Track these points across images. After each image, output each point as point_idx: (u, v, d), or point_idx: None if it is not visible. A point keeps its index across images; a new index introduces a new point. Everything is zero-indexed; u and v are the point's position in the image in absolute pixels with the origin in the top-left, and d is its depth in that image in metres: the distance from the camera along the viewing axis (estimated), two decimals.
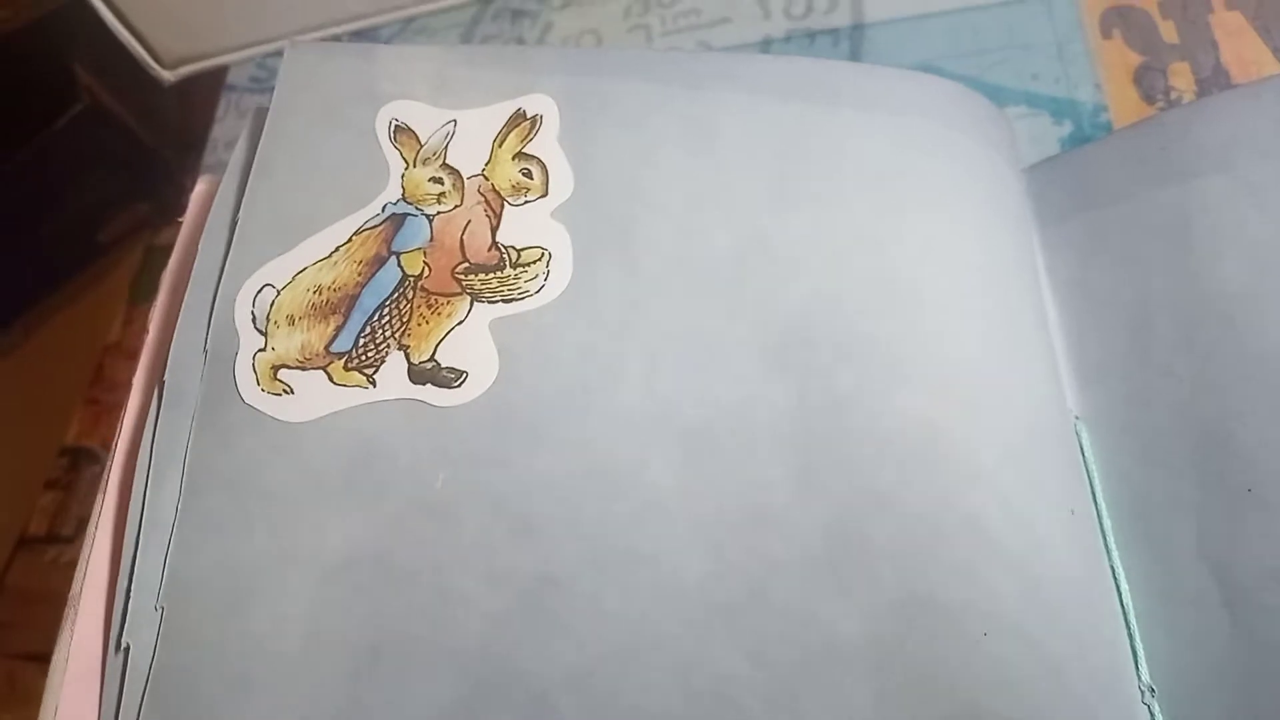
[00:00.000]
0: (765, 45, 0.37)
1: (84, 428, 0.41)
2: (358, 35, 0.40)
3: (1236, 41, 0.34)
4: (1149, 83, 0.34)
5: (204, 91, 0.40)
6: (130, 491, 0.26)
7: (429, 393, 0.27)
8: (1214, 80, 0.33)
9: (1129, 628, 0.25)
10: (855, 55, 0.36)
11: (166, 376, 0.27)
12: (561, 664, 0.24)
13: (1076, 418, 0.28)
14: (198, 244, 0.28)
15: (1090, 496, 0.27)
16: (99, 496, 0.27)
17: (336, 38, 0.40)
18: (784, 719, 0.24)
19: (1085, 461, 0.27)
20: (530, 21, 0.39)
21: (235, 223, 0.28)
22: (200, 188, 0.30)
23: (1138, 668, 0.25)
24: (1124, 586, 0.26)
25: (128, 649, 0.24)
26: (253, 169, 0.29)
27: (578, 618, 0.25)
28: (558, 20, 0.39)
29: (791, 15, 0.38)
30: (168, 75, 0.39)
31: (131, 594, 0.25)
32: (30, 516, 0.42)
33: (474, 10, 0.40)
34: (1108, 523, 0.27)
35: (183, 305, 0.28)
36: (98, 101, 0.47)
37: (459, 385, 0.27)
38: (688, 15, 0.38)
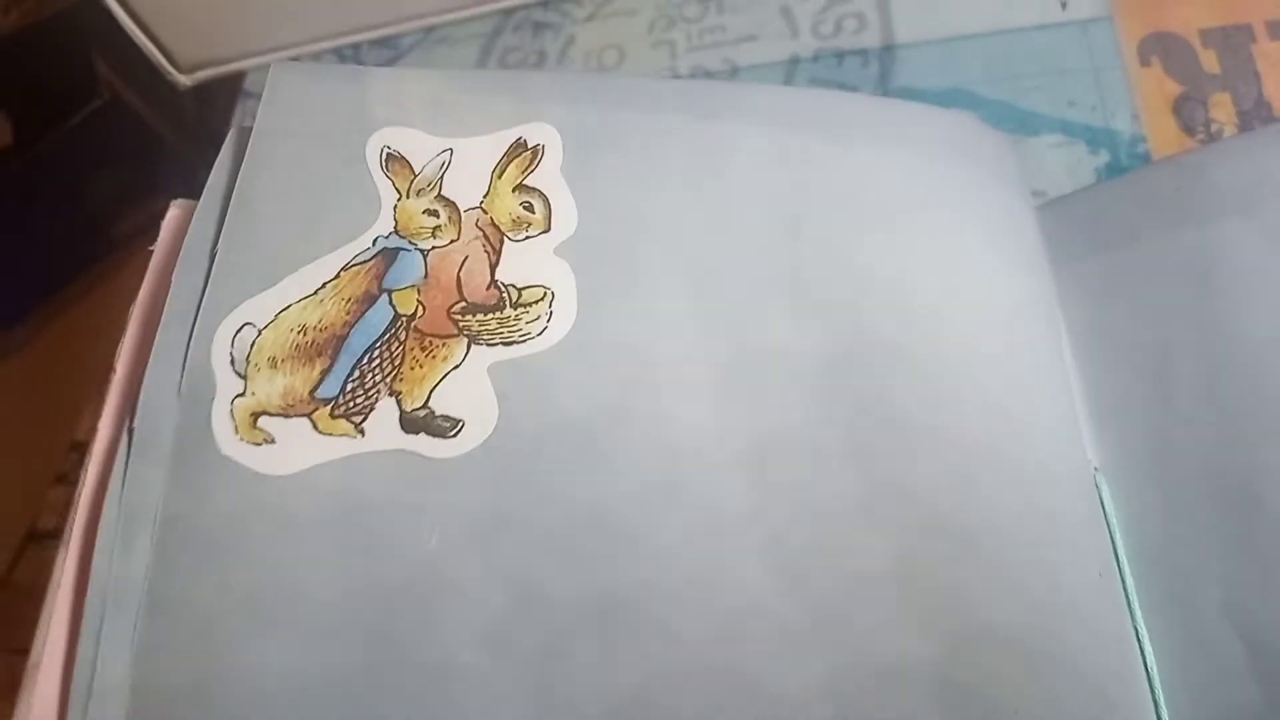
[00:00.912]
0: (792, 64, 0.36)
1: (95, 423, 0.42)
2: (377, 44, 0.39)
3: None
4: (1189, 113, 0.33)
5: (223, 89, 0.40)
6: (93, 550, 0.24)
7: (422, 443, 0.26)
8: (1255, 113, 0.32)
9: (1154, 696, 0.25)
10: (885, 77, 0.35)
11: (137, 423, 0.25)
12: None
13: (1095, 469, 0.27)
14: (169, 275, 0.27)
15: (1112, 553, 0.26)
16: (60, 552, 0.25)
17: (356, 46, 0.39)
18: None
19: (1106, 515, 0.27)
20: (553, 34, 0.39)
21: (214, 254, 0.27)
22: (173, 212, 0.29)
23: None
24: (1148, 649, 0.25)
25: None
26: (233, 197, 0.28)
27: (590, 697, 0.23)
28: (580, 34, 0.39)
29: (820, 34, 0.37)
30: (184, 80, 0.39)
31: (97, 667, 0.23)
32: (40, 512, 0.43)
33: (495, 21, 0.40)
34: (1130, 582, 0.26)
35: (155, 344, 0.26)
36: (117, 96, 0.48)
37: (455, 435, 0.26)
38: (714, 32, 0.38)
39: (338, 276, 0.27)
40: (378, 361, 0.26)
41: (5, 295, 0.52)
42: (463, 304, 0.27)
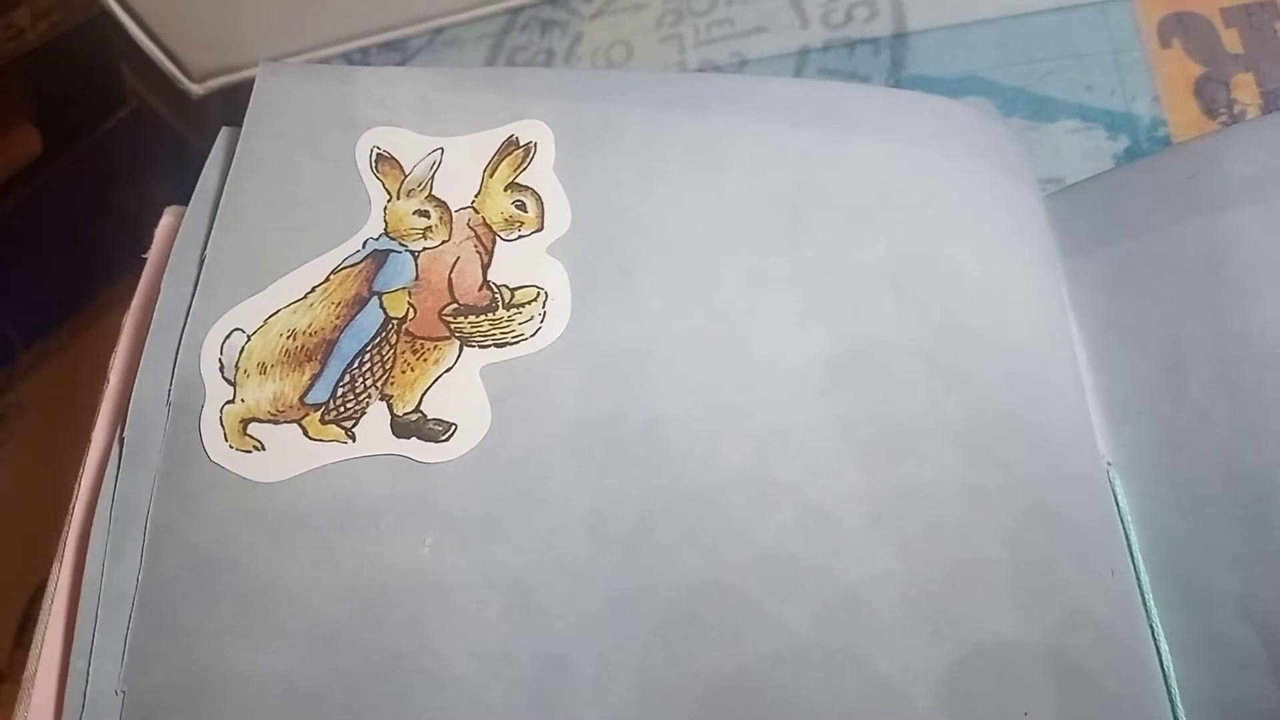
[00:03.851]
0: (802, 55, 0.36)
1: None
2: (385, 48, 0.40)
3: None
4: (1210, 95, 0.32)
5: (247, 96, 0.40)
6: (87, 560, 0.25)
7: (414, 447, 0.26)
8: None
9: (1170, 696, 0.25)
10: (897, 65, 0.35)
11: (126, 432, 0.26)
12: None
13: (1108, 463, 0.27)
14: (160, 283, 0.27)
15: (1126, 550, 0.26)
16: (55, 565, 0.26)
17: (364, 50, 0.40)
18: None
19: (1120, 512, 0.27)
20: (560, 32, 0.39)
21: (202, 260, 0.27)
22: (166, 219, 0.29)
23: None
24: (1164, 648, 0.25)
25: None
26: (221, 201, 0.28)
27: (586, 707, 0.23)
28: (588, 31, 0.39)
29: (830, 24, 0.37)
30: (196, 89, 0.40)
31: (90, 676, 0.24)
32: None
33: (503, 20, 0.40)
34: (1145, 580, 0.26)
35: (144, 352, 0.27)
36: (145, 104, 0.49)
37: (447, 439, 0.26)
38: (722, 25, 0.38)
39: (327, 280, 0.27)
40: (368, 365, 0.26)
41: (38, 305, 0.53)
42: (454, 305, 0.27)
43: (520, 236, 0.28)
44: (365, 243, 0.28)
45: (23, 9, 0.47)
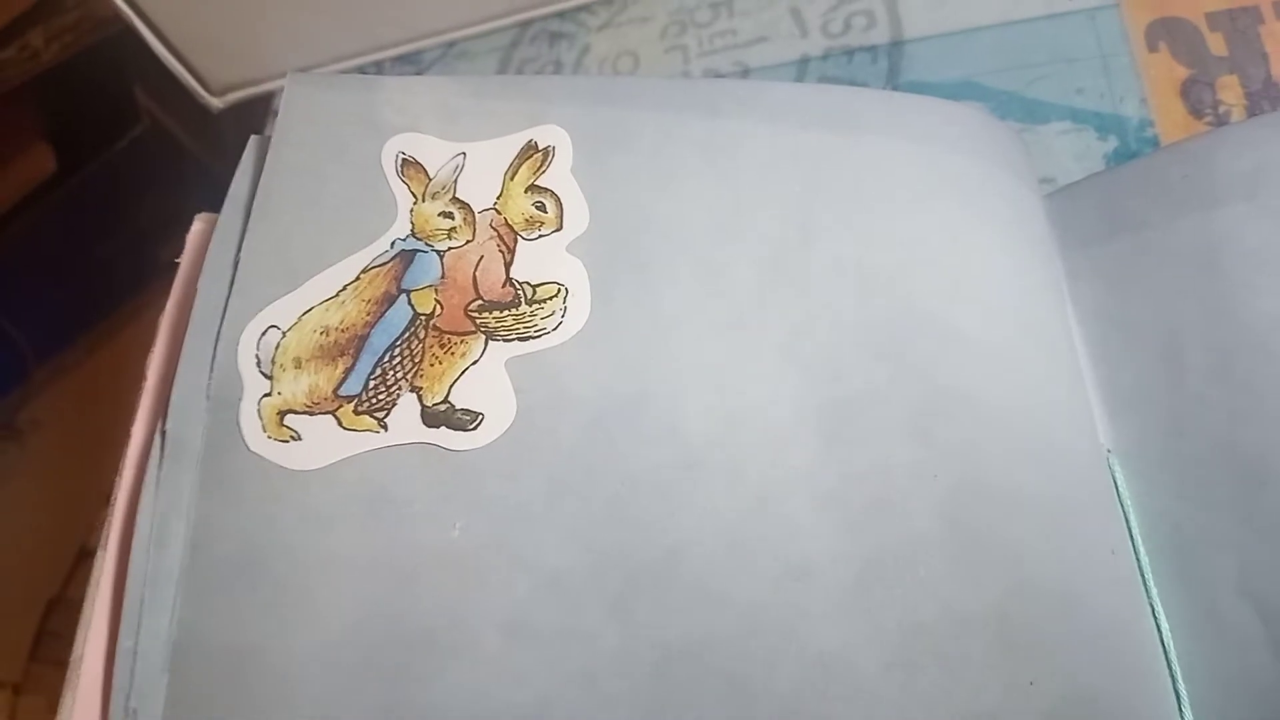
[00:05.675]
0: (803, 64, 0.38)
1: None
2: (400, 61, 0.41)
3: None
4: (1196, 96, 0.34)
5: (259, 112, 0.42)
6: (131, 547, 0.26)
7: (443, 435, 0.27)
8: (1265, 94, 0.33)
9: (1171, 671, 0.26)
10: (894, 72, 0.37)
11: (168, 425, 0.27)
12: None
13: (1109, 451, 0.28)
14: (195, 285, 0.28)
15: (1127, 533, 0.27)
16: (99, 553, 0.27)
17: (379, 64, 0.41)
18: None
19: (1120, 497, 0.27)
20: (568, 44, 0.40)
21: (237, 262, 0.29)
22: (198, 226, 0.30)
23: (1181, 714, 0.25)
24: (1165, 628, 0.26)
25: (134, 714, 0.24)
26: (254, 205, 0.29)
27: (610, 679, 0.24)
28: (595, 42, 0.40)
29: (829, 33, 0.38)
30: (216, 102, 0.41)
31: (138, 657, 0.25)
32: (92, 530, 0.44)
33: (513, 34, 0.41)
34: (1145, 561, 0.27)
35: (183, 349, 0.28)
36: (157, 123, 0.50)
37: (475, 428, 0.27)
38: (724, 35, 0.39)
39: (357, 279, 0.29)
40: (398, 359, 0.28)
41: (52, 322, 0.54)
42: (479, 302, 0.28)
43: (541, 236, 0.29)
44: (393, 243, 0.29)
45: (37, 30, 0.48)
